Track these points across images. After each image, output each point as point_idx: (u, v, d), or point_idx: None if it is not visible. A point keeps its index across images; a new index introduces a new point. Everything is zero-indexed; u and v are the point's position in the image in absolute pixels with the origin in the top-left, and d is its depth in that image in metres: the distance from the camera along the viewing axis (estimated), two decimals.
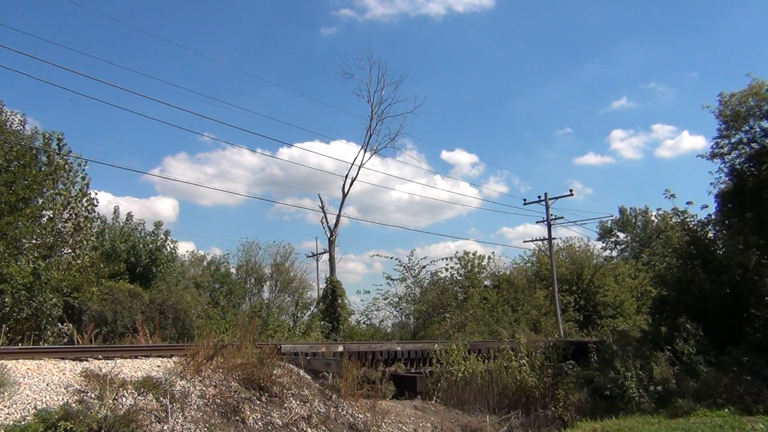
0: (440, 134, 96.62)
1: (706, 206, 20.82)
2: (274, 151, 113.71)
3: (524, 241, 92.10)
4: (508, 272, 37.80)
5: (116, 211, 25.52)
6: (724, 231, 20.92)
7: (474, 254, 34.95)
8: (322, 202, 30.18)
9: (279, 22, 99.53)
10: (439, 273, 29.97)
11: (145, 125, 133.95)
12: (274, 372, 10.07)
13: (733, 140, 20.35)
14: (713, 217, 20.88)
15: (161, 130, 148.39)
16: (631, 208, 56.53)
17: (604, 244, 57.24)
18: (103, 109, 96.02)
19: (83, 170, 19.78)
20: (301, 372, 11.27)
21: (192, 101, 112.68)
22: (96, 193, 20.27)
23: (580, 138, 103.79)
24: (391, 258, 39.75)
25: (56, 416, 6.69)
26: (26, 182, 16.69)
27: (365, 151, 30.19)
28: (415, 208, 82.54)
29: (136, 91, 58.66)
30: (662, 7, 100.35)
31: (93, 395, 7.67)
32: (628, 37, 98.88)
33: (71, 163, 19.60)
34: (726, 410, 13.01)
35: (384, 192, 76.95)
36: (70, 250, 18.49)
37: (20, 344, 13.59)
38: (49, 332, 15.42)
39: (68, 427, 6.59)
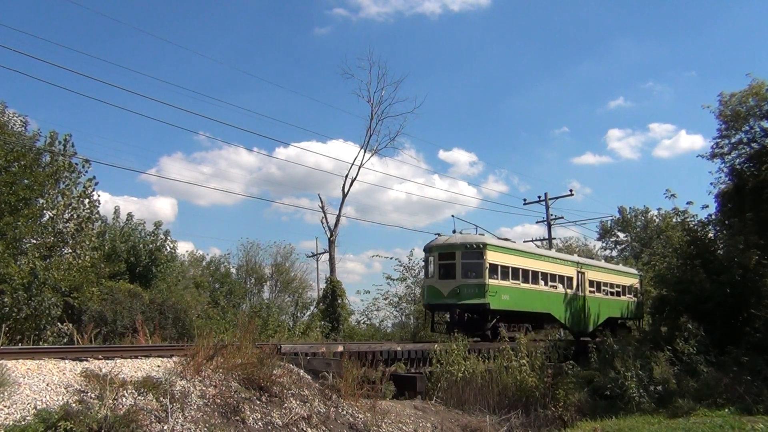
0: (438, 133, 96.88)
1: (707, 206, 20.92)
2: (270, 150, 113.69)
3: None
4: None
5: (116, 211, 25.60)
6: (724, 231, 20.97)
7: None
8: (322, 202, 30.20)
9: (272, 20, 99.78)
10: None
11: (140, 124, 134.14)
12: (274, 372, 10.06)
13: (733, 140, 20.40)
14: (713, 217, 20.94)
15: (157, 129, 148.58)
16: (630, 208, 56.52)
17: (604, 244, 57.27)
18: (99, 108, 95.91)
19: (87, 171, 19.83)
20: (301, 372, 11.26)
21: (187, 99, 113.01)
22: (98, 195, 20.32)
23: (577, 137, 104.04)
24: (391, 258, 39.77)
25: (56, 416, 6.69)
26: (27, 183, 16.71)
27: (365, 151, 30.13)
28: (413, 207, 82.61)
29: (131, 90, 58.66)
30: (660, 6, 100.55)
31: (93, 395, 7.67)
32: (625, 35, 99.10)
33: (76, 164, 19.65)
34: (726, 410, 13.02)
35: (382, 191, 77.02)
36: (70, 250, 18.50)
37: (20, 344, 13.61)
38: (49, 332, 15.43)
39: (68, 427, 6.59)
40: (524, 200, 36.25)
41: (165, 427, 7.69)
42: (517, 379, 15.38)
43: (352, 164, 29.81)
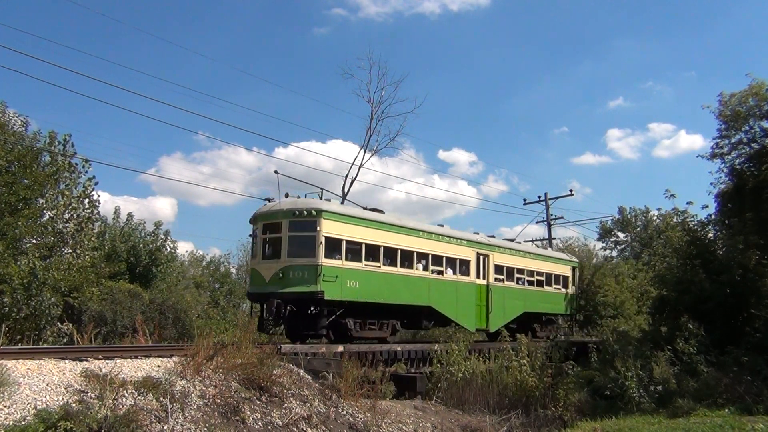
0: (438, 133, 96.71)
1: (707, 206, 20.87)
2: (270, 150, 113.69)
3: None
4: None
5: (116, 211, 25.66)
6: (724, 231, 20.95)
7: None
8: None
9: (272, 21, 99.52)
10: None
11: (140, 124, 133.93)
12: (274, 372, 10.08)
13: (733, 140, 20.36)
14: (713, 217, 20.91)
15: (156, 128, 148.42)
16: (630, 208, 56.53)
17: (604, 244, 57.25)
18: (99, 108, 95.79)
19: (86, 171, 19.87)
20: (301, 372, 11.27)
21: (187, 99, 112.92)
22: (98, 195, 20.35)
23: (577, 137, 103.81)
24: None
25: (56, 416, 6.69)
26: (27, 183, 16.73)
27: (365, 151, 29.99)
28: (412, 207, 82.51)
29: (131, 90, 58.72)
30: (659, 5, 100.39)
31: (93, 395, 7.68)
32: (624, 35, 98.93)
33: (75, 164, 19.68)
34: (726, 410, 13.01)
35: (381, 191, 76.93)
36: (70, 250, 18.53)
37: (20, 344, 13.62)
38: (48, 332, 15.45)
39: (68, 427, 6.60)
40: (524, 200, 36.23)
41: (165, 427, 7.69)
42: (518, 379, 15.40)
43: (352, 164, 29.68)
